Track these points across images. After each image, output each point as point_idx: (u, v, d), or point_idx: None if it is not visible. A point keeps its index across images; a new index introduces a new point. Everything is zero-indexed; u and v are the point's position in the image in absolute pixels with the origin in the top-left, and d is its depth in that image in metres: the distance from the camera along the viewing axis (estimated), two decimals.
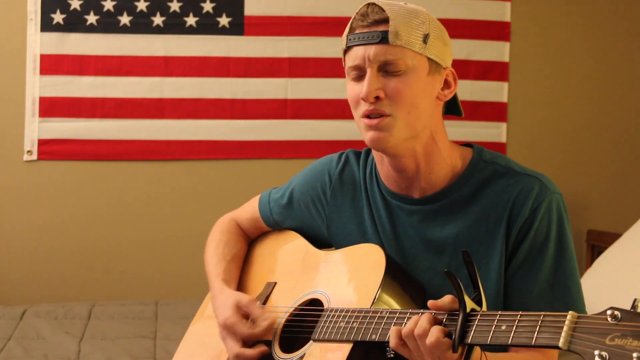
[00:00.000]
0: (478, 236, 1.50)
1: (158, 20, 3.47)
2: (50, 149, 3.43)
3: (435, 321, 1.27)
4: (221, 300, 1.70)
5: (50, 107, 3.41)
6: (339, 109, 3.58)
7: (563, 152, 3.80)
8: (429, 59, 1.47)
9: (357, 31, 1.47)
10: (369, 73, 1.46)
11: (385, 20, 1.44)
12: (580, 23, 3.79)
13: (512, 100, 3.75)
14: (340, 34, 1.51)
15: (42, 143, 3.42)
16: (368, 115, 1.47)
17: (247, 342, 1.61)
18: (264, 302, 1.71)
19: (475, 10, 3.67)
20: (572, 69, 3.80)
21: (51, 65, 3.40)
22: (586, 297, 1.53)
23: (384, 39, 1.43)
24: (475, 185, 1.52)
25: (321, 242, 1.75)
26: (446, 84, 1.52)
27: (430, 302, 1.30)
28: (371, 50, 1.45)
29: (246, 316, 1.64)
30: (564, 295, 1.46)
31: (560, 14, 3.78)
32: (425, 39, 1.45)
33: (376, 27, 1.45)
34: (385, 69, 1.45)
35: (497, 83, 3.72)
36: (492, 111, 3.71)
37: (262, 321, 1.61)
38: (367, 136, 1.49)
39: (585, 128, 3.82)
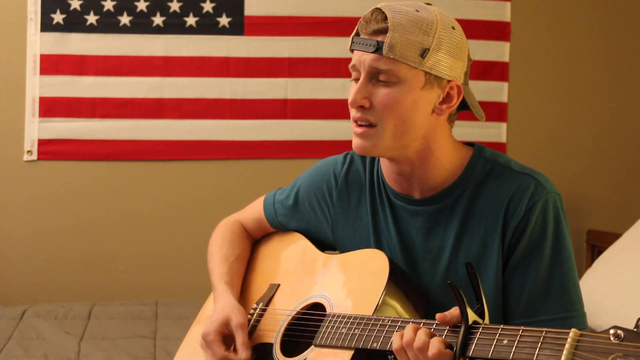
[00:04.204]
0: (477, 237, 1.50)
1: (158, 20, 3.46)
2: (50, 149, 3.42)
3: (432, 335, 1.28)
4: (220, 305, 1.69)
5: (50, 107, 3.40)
6: (339, 109, 3.58)
7: (563, 152, 3.80)
8: (425, 72, 1.45)
9: (359, 35, 1.48)
10: (360, 79, 1.47)
11: (385, 31, 1.43)
12: (581, 23, 3.79)
13: (512, 100, 3.75)
14: (340, 34, 1.52)
15: (42, 143, 3.41)
16: (356, 121, 1.49)
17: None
18: (267, 304, 1.71)
19: (475, 10, 3.67)
20: (572, 68, 3.80)
21: (51, 65, 3.40)
22: (586, 297, 1.53)
23: (379, 49, 1.43)
24: (474, 184, 1.52)
25: (325, 244, 1.75)
26: (447, 98, 1.49)
27: (439, 316, 1.29)
28: (365, 57, 1.46)
29: (230, 336, 1.63)
30: (562, 295, 1.45)
31: (560, 14, 3.77)
32: (424, 53, 1.43)
33: (375, 36, 1.45)
34: (377, 78, 1.46)
35: (497, 83, 3.71)
36: (492, 111, 3.70)
37: (242, 350, 1.59)
38: (353, 142, 1.51)
39: (585, 128, 3.82)
